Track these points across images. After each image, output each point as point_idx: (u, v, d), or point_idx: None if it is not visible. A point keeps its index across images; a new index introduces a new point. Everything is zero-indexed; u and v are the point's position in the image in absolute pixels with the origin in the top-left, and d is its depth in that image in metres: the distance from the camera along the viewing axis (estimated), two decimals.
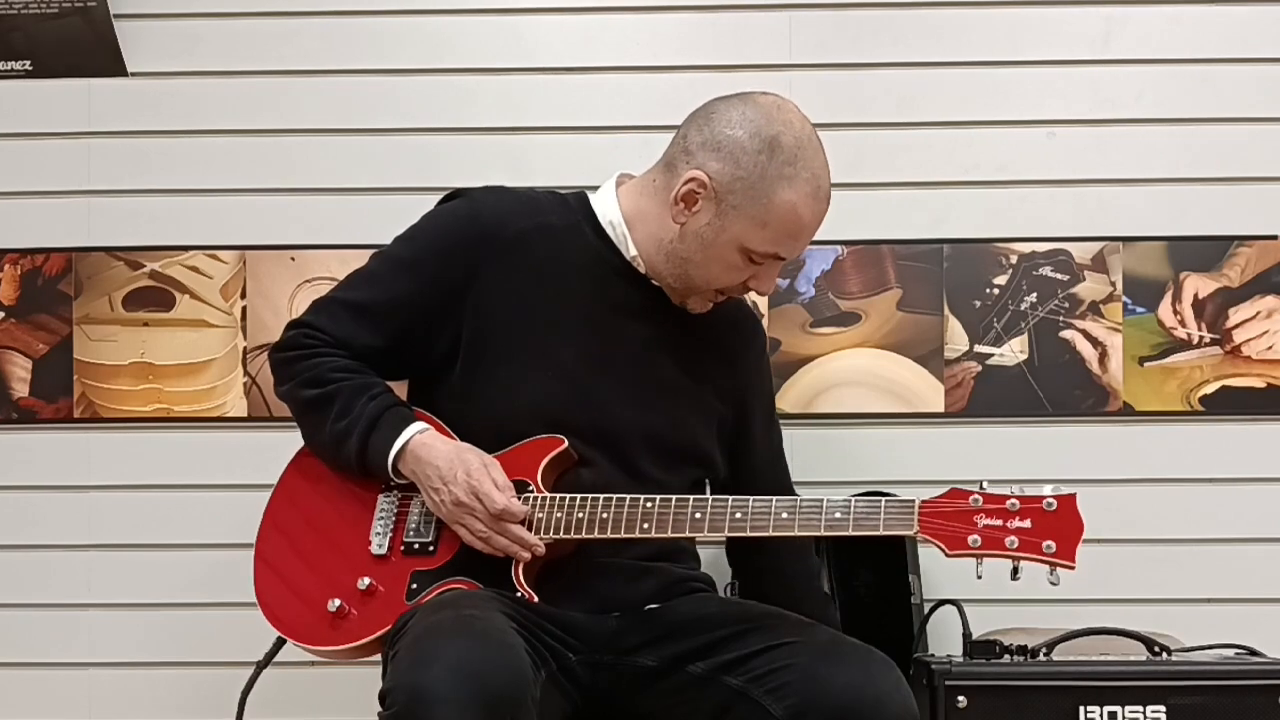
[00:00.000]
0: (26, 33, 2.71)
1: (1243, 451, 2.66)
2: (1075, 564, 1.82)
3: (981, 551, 1.83)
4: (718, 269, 2.02)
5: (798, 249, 2.04)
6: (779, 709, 1.82)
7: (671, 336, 2.09)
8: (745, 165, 1.96)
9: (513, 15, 2.71)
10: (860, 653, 1.86)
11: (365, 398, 2.01)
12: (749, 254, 2.00)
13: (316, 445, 2.08)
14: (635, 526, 1.92)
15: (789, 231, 1.99)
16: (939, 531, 1.83)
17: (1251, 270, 2.68)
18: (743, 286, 2.06)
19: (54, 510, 2.71)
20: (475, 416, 2.02)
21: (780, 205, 1.96)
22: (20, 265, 2.73)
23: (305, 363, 2.05)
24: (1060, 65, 2.70)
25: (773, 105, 2.00)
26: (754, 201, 1.96)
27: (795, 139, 1.97)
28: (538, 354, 2.02)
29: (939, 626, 2.35)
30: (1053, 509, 1.82)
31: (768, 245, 1.99)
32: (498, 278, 2.03)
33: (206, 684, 2.65)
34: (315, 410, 2.04)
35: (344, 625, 1.98)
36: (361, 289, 2.09)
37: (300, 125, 2.71)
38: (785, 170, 1.96)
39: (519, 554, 1.93)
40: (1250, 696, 2.04)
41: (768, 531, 1.89)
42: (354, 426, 1.99)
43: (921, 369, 2.68)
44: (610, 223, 2.07)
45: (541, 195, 2.14)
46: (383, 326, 2.05)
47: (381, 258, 2.10)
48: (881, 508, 1.86)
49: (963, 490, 1.85)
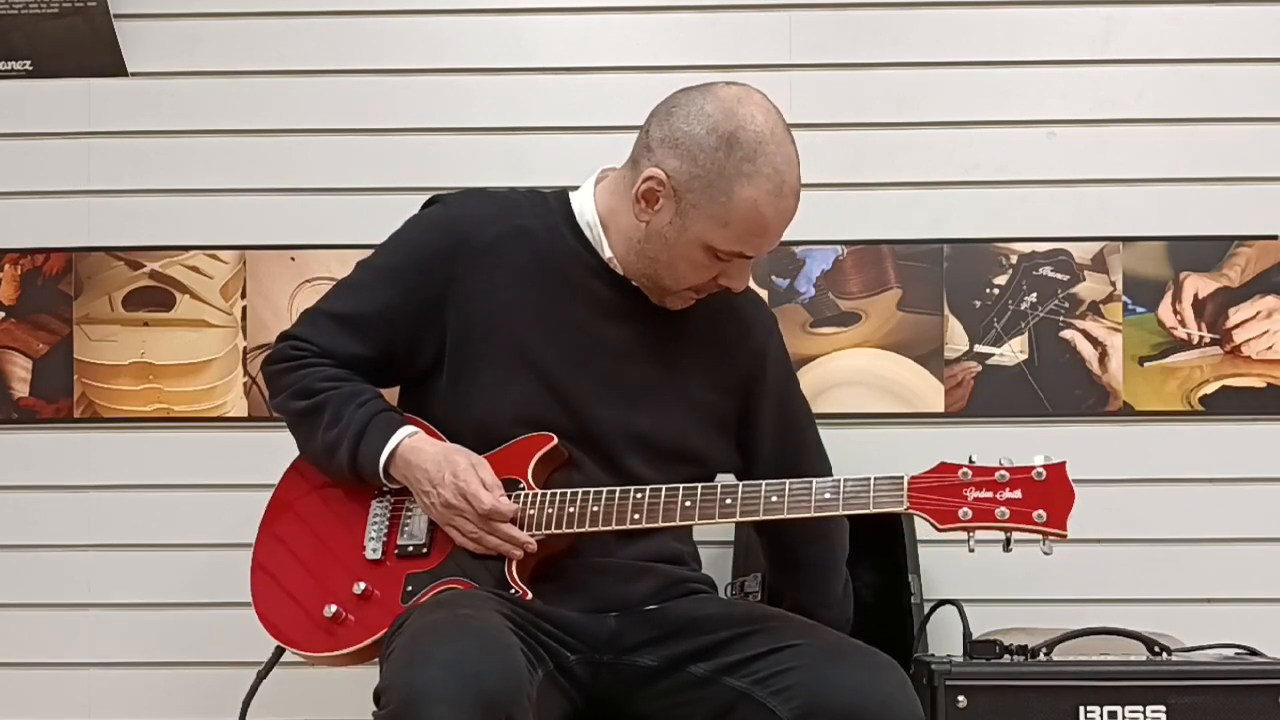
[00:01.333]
0: (27, 32, 2.71)
1: (1243, 451, 2.66)
2: (1068, 532, 1.79)
3: (973, 524, 1.80)
4: (684, 268, 1.99)
5: (765, 246, 1.99)
6: (785, 711, 1.81)
7: (655, 334, 2.07)
8: (702, 163, 1.92)
9: (513, 15, 2.72)
10: (866, 655, 1.86)
11: (354, 405, 2.01)
12: (713, 252, 1.96)
13: (310, 454, 2.09)
14: (626, 517, 1.92)
15: (752, 230, 1.94)
16: (929, 506, 1.82)
17: (1251, 270, 2.68)
18: (715, 284, 2.02)
19: (54, 510, 2.71)
20: (461, 421, 2.02)
21: (740, 203, 1.91)
22: (20, 265, 2.73)
23: (294, 374, 2.06)
24: (1060, 65, 2.70)
25: (734, 99, 1.94)
26: (713, 200, 1.92)
27: (756, 134, 1.91)
28: (519, 357, 2.02)
29: (939, 626, 2.35)
30: (1042, 479, 1.80)
31: (731, 244, 1.95)
32: (477, 282, 2.03)
33: (206, 684, 2.65)
34: (306, 420, 2.05)
35: (341, 631, 1.98)
36: (345, 299, 2.09)
37: (300, 125, 2.72)
38: (744, 167, 1.91)
39: (510, 552, 1.93)
40: (1250, 696, 2.04)
41: (758, 515, 1.88)
42: (344, 434, 2.00)
43: (921, 369, 2.68)
44: (588, 223, 2.06)
45: (520, 196, 2.13)
46: (367, 336, 2.05)
47: (364, 267, 2.11)
48: (870, 485, 1.85)
49: (951, 465, 1.83)
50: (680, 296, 2.04)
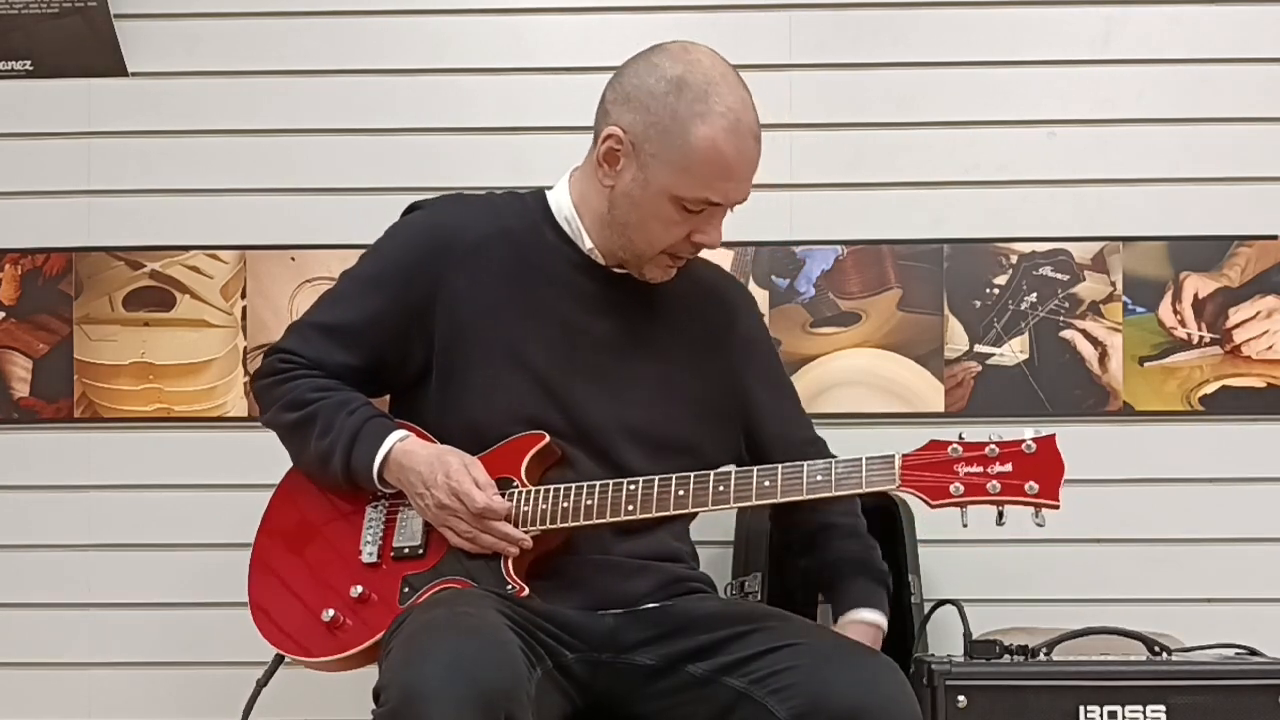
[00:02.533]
0: (27, 32, 2.72)
1: (1243, 451, 2.66)
2: (1059, 503, 1.79)
3: (965, 499, 1.80)
4: (656, 227, 1.98)
5: (732, 191, 1.96)
6: (783, 710, 1.81)
7: (643, 326, 2.07)
8: (655, 110, 1.92)
9: (513, 15, 2.72)
10: (866, 656, 1.86)
11: (344, 413, 2.02)
12: (681, 203, 1.95)
13: (304, 465, 2.09)
14: (620, 509, 1.92)
15: (715, 172, 1.93)
16: (921, 483, 1.82)
17: (1251, 270, 2.68)
18: (689, 243, 2.00)
19: (54, 510, 2.71)
20: (453, 424, 2.02)
21: (698, 144, 1.91)
22: (21, 265, 2.73)
23: (283, 387, 2.06)
24: (1060, 65, 2.70)
25: (679, 49, 1.96)
26: (670, 146, 1.92)
27: (704, 75, 1.92)
28: (508, 358, 2.02)
29: (939, 626, 2.35)
30: (1032, 451, 1.81)
31: (697, 189, 1.94)
32: (463, 286, 2.03)
33: (206, 684, 2.65)
34: (298, 432, 2.05)
35: (339, 634, 1.98)
36: (331, 310, 2.10)
37: (300, 125, 2.72)
38: (697, 107, 1.91)
39: (506, 550, 1.94)
40: (1250, 696, 2.04)
41: (751, 500, 1.88)
42: (336, 442, 2.00)
43: (922, 369, 2.68)
44: (566, 219, 2.07)
45: (499, 199, 2.14)
46: (356, 345, 2.06)
47: (348, 277, 2.11)
48: (863, 465, 1.85)
49: (941, 441, 1.83)
50: (657, 263, 2.03)
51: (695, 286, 2.12)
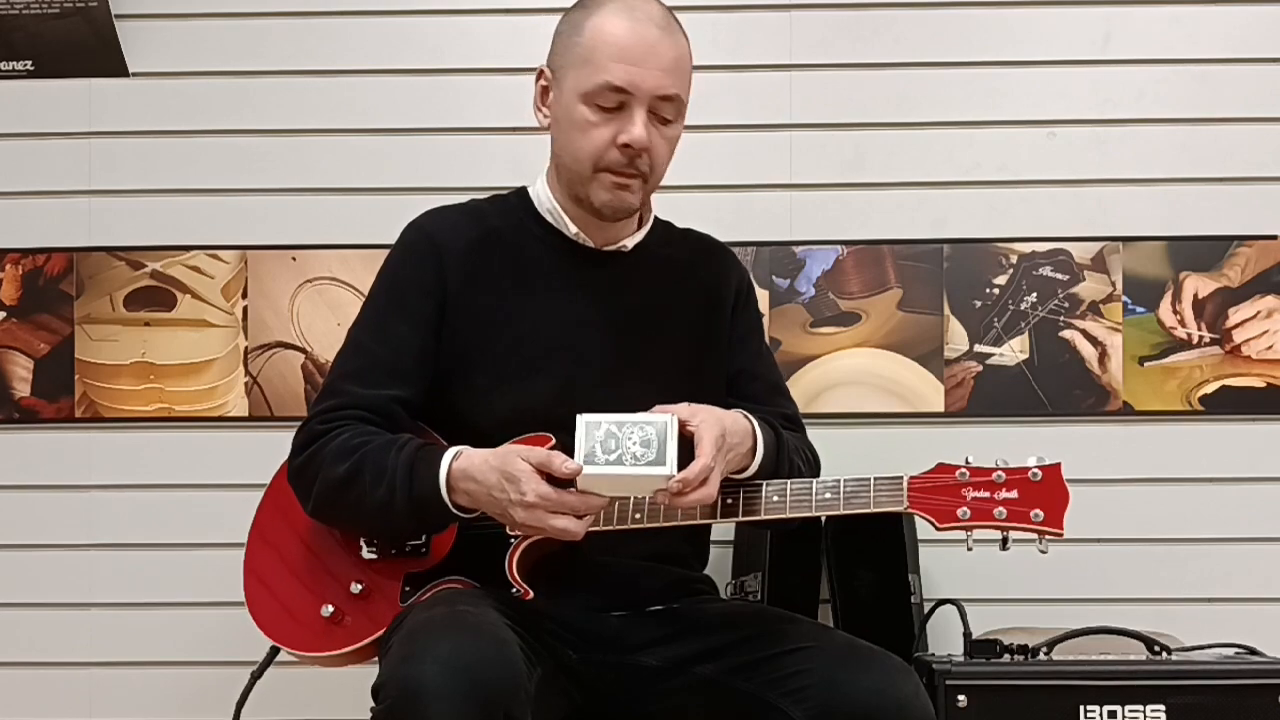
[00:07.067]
0: (28, 33, 2.72)
1: (1243, 451, 2.66)
2: (1064, 531, 1.81)
3: (971, 523, 1.82)
4: (578, 136, 1.97)
5: (637, 76, 1.93)
6: (798, 713, 1.81)
7: (638, 309, 2.08)
8: (562, 31, 2.01)
9: (513, 15, 2.72)
10: (879, 658, 1.85)
11: (394, 450, 1.92)
12: (592, 101, 1.95)
13: (366, 524, 1.98)
14: (627, 518, 1.91)
15: (609, 54, 1.93)
16: (928, 506, 1.83)
17: (1251, 270, 2.68)
18: (618, 149, 1.96)
19: (54, 510, 2.71)
20: (460, 430, 1.99)
21: (591, 35, 1.95)
22: (22, 265, 2.73)
23: (327, 449, 1.96)
24: (1060, 65, 2.70)
25: None
26: (571, 50, 1.98)
27: None
28: (509, 358, 2.02)
29: (939, 626, 2.35)
30: (1038, 479, 1.82)
31: (600, 76, 1.93)
32: (461, 292, 2.03)
33: (206, 684, 2.65)
34: (352, 487, 1.93)
35: (338, 630, 1.98)
36: (361, 354, 2.04)
37: (300, 125, 2.72)
38: (590, 7, 1.98)
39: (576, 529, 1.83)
40: (1250, 696, 2.04)
41: (759, 515, 1.89)
42: (395, 482, 1.90)
43: (922, 369, 2.68)
44: (548, 210, 2.08)
45: (482, 202, 2.15)
46: (398, 375, 2.01)
47: (367, 313, 2.07)
48: (871, 485, 1.86)
49: (949, 465, 1.85)
50: (600, 183, 1.99)
51: (682, 249, 2.15)
